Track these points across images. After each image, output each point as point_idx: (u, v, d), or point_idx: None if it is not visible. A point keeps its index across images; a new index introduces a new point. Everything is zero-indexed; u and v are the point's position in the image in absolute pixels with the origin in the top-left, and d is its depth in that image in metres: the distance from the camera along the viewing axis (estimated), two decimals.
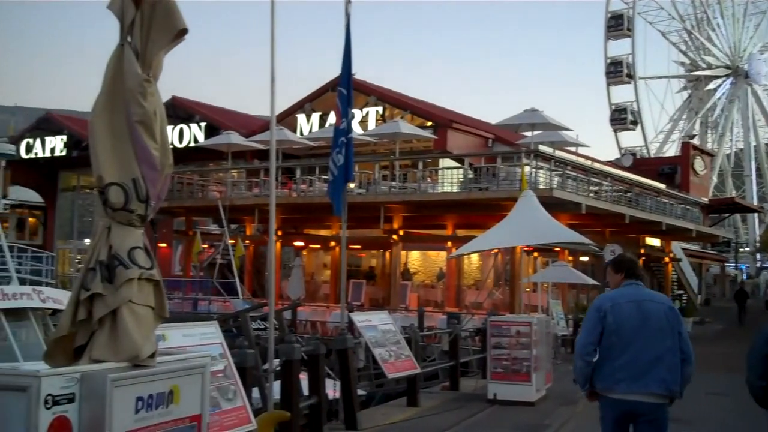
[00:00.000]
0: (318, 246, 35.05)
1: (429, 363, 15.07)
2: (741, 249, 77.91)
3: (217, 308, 28.94)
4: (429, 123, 33.31)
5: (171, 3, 4.09)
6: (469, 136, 33.25)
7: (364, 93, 33.02)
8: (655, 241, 41.25)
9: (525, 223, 13.42)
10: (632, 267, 6.40)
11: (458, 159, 29.23)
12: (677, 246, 43.92)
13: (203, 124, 39.04)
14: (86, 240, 47.76)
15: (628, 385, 5.90)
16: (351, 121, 12.14)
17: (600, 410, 6.21)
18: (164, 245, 37.01)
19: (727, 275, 69.82)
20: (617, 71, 72.24)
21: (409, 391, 12.95)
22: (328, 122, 34.18)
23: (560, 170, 26.85)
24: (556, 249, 26.32)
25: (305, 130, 35.54)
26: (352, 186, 24.12)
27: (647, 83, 75.69)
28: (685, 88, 80.00)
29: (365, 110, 34.04)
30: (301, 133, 35.10)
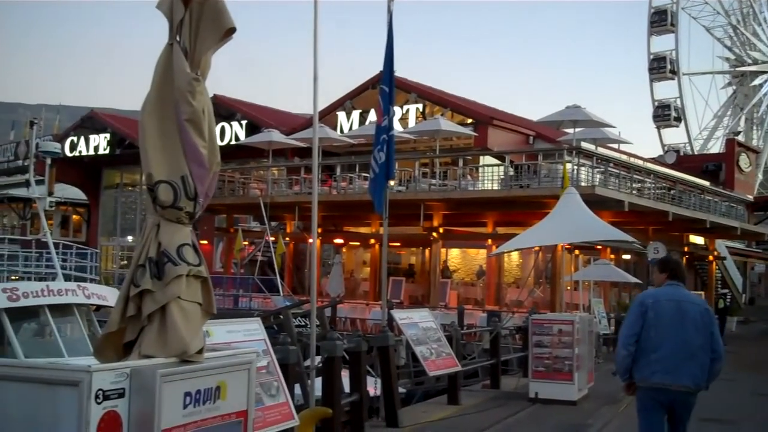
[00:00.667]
0: (357, 243, 35.11)
1: (469, 361, 15.00)
2: None
3: (258, 305, 29.13)
4: (469, 120, 33.18)
5: (220, 2, 4.12)
6: (510, 134, 33.06)
7: (405, 90, 32.97)
8: (699, 240, 40.66)
9: (568, 221, 13.30)
10: (676, 269, 6.97)
11: (499, 156, 29.07)
12: (721, 244, 43.23)
13: (244, 122, 39.28)
14: (129, 237, 48.43)
15: (662, 377, 6.52)
16: (393, 119, 12.13)
17: (636, 399, 6.80)
18: (205, 242, 37.36)
19: None
20: (661, 67, 71.21)
21: (450, 389, 12.91)
22: (369, 120, 34.19)
23: (602, 167, 26.59)
24: (598, 247, 26.08)
25: (345, 128, 35.60)
26: (392, 183, 24.13)
27: (691, 79, 74.51)
28: (730, 84, 78.61)
29: (405, 107, 33.99)
30: (341, 131, 35.16)
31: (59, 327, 15.95)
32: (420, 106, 34.40)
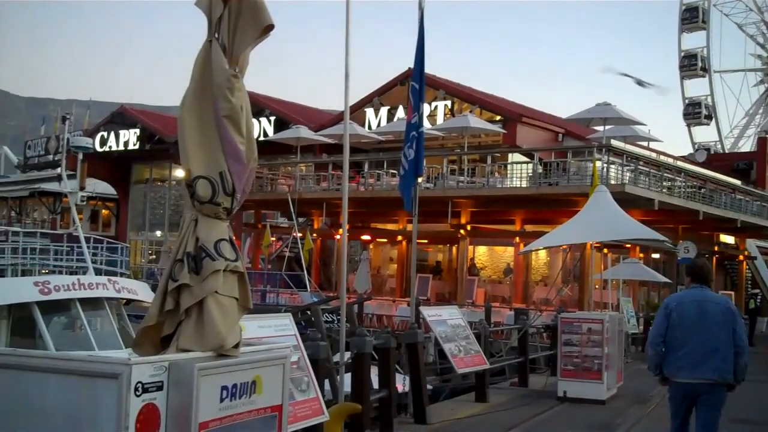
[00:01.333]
0: (385, 240, 35.13)
1: (497, 359, 14.98)
2: None
3: (285, 300, 29.27)
4: (498, 117, 33.09)
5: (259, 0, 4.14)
6: (539, 131, 32.93)
7: (433, 87, 32.93)
8: (730, 239, 40.23)
9: (599, 219, 13.22)
10: (699, 273, 7.64)
11: (528, 153, 28.97)
12: (752, 244, 42.72)
13: (273, 119, 39.45)
14: (158, 232, 48.81)
15: (689, 372, 7.22)
16: (423, 116, 12.13)
17: (668, 391, 7.58)
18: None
19: None
20: (691, 65, 70.45)
21: (478, 387, 12.90)
22: (397, 116, 34.20)
23: (632, 165, 26.40)
24: (627, 246, 25.89)
25: (373, 125, 35.64)
26: (420, 180, 24.13)
27: (722, 77, 73.67)
28: (762, 82, 77.58)
29: (434, 104, 33.96)
30: (370, 127, 35.21)
31: (90, 320, 16.16)
32: (448, 103, 34.36)
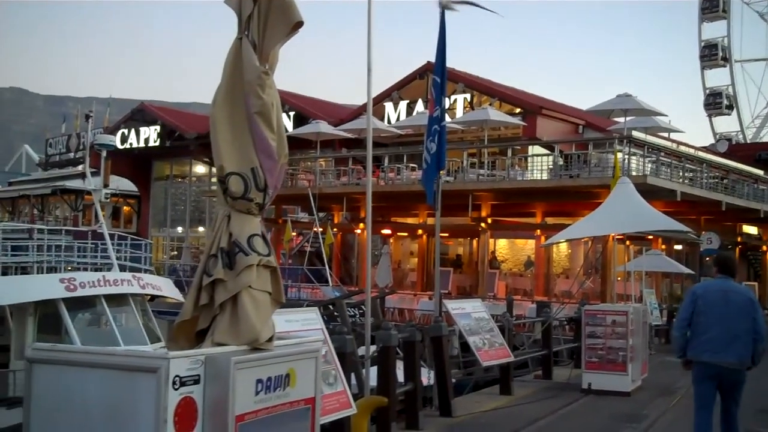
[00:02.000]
0: (405, 234, 35.16)
1: (521, 352, 14.99)
2: None
3: (307, 295, 29.33)
4: (518, 110, 33.00)
5: None
6: (559, 123, 32.81)
7: (453, 80, 32.83)
8: (753, 229, 39.92)
9: (622, 211, 13.19)
10: (724, 264, 8.19)
11: (548, 146, 28.87)
12: None
13: (292, 114, 39.52)
14: (179, 228, 49.06)
15: (711, 355, 7.81)
16: (444, 109, 12.15)
17: (692, 372, 8.08)
18: None
19: None
20: (712, 54, 69.79)
21: (502, 380, 12.93)
22: (416, 110, 34.18)
23: (654, 156, 26.26)
24: (649, 237, 25.77)
25: (393, 119, 35.64)
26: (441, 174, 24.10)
27: (743, 66, 72.97)
28: None
29: (453, 97, 33.89)
30: (389, 121, 35.21)
31: (115, 316, 16.32)
32: (468, 96, 34.30)
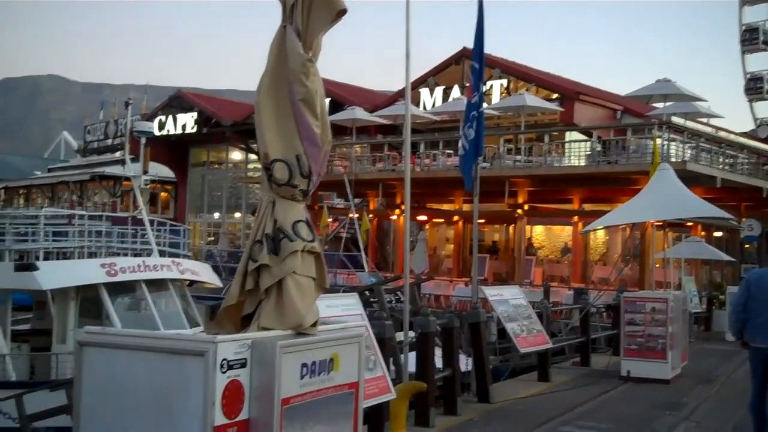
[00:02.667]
0: (441, 220, 35.12)
1: (559, 338, 14.94)
2: None
3: (343, 281, 29.45)
4: (555, 95, 32.74)
5: None
6: (597, 108, 32.50)
7: (489, 66, 32.54)
8: None
9: (662, 197, 13.06)
10: None
11: (585, 132, 28.63)
12: None
13: (328, 100, 39.51)
14: (215, 214, 49.47)
15: (762, 339, 8.23)
16: (483, 95, 12.10)
17: (749, 354, 8.53)
18: None
19: None
20: (753, 38, 68.47)
21: (540, 367, 12.91)
22: (452, 96, 34.06)
23: (693, 142, 25.94)
24: (689, 224, 25.50)
25: (428, 105, 35.55)
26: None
27: None
28: None
29: (489, 83, 33.70)
30: (424, 108, 35.13)
31: (155, 301, 16.55)
32: (504, 82, 34.10)
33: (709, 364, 14.35)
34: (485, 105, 29.85)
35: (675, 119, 27.87)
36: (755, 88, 68.97)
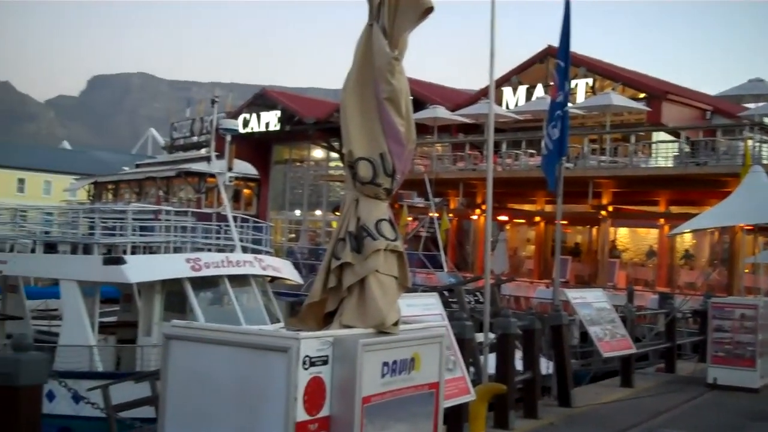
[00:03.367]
0: (522, 221, 34.75)
1: (643, 343, 14.61)
2: None
3: (421, 280, 29.40)
4: (642, 94, 32.05)
5: None
6: (685, 108, 31.69)
7: (574, 65, 32.12)
8: None
9: (754, 201, 12.62)
10: None
11: (673, 132, 27.95)
12: None
13: (410, 99, 39.55)
14: (297, 211, 50.01)
15: None
16: (568, 94, 11.91)
17: None
18: None
19: None
20: None
21: (623, 372, 12.64)
22: (535, 95, 33.68)
23: None
24: None
25: (511, 104, 35.23)
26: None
27: None
28: None
29: (574, 82, 33.17)
30: (507, 107, 34.82)
31: (237, 296, 16.80)
32: (589, 81, 33.56)
33: None
34: (570, 104, 29.57)
35: None
36: None
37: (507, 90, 35.82)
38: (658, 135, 28.79)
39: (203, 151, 48.59)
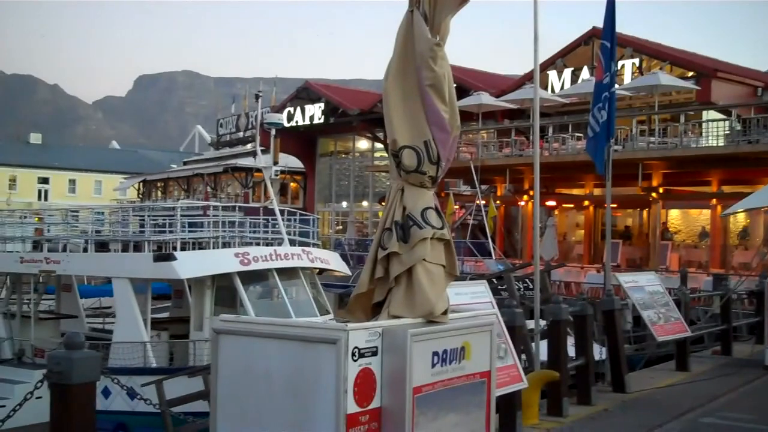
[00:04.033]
0: (571, 205, 34.38)
1: (698, 326, 14.35)
2: None
3: (470, 268, 29.29)
4: (690, 73, 31.40)
5: None
6: (736, 86, 30.98)
7: (620, 45, 31.53)
8: None
9: None
10: None
11: (724, 110, 27.36)
12: None
13: (453, 86, 39.35)
14: (343, 203, 50.15)
15: None
16: (615, 75, 11.71)
17: None
18: None
19: None
20: None
21: (678, 355, 12.44)
22: (581, 78, 33.24)
23: None
24: None
25: (557, 87, 34.81)
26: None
27: None
28: None
29: (621, 63, 32.59)
30: (552, 90, 34.43)
31: (286, 289, 16.89)
32: (636, 61, 32.97)
33: None
34: (617, 85, 29.12)
35: None
36: None
37: (552, 73, 35.38)
38: (708, 114, 28.23)
39: (249, 147, 49.00)
